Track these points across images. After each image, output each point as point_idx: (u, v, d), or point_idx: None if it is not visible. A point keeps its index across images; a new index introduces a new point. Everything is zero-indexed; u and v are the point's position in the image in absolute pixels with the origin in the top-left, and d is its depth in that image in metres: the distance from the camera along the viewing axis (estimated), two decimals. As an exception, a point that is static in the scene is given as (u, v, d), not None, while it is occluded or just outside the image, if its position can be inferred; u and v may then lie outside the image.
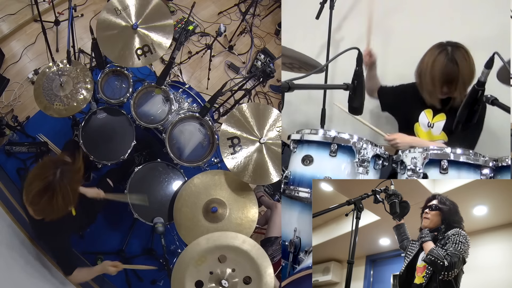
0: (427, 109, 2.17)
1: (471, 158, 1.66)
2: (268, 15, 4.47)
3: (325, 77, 2.72)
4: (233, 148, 2.16)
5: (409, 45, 2.15)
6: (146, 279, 2.87)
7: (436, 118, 2.14)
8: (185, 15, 3.96)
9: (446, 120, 2.09)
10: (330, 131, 1.88)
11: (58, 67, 2.30)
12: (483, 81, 1.38)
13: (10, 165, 2.81)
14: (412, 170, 1.69)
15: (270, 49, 4.16)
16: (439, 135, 2.13)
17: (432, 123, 2.14)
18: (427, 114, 2.17)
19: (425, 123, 2.17)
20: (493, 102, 1.38)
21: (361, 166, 1.76)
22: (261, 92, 3.95)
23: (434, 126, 2.14)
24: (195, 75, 3.83)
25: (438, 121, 2.13)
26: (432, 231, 1.31)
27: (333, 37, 2.72)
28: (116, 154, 2.44)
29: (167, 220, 2.32)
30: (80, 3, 3.57)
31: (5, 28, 3.23)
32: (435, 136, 2.15)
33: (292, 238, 1.92)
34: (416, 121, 2.20)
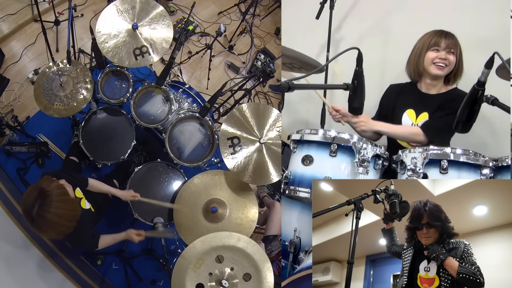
0: (409, 110, 2.14)
1: (471, 158, 1.66)
2: (268, 15, 4.47)
3: (325, 77, 2.72)
4: (233, 148, 2.16)
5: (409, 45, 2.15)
6: (146, 279, 2.87)
7: (419, 118, 2.10)
8: (185, 15, 3.96)
9: (428, 119, 2.07)
10: (330, 131, 1.88)
11: (58, 67, 2.30)
12: (483, 81, 1.37)
13: (10, 165, 2.82)
14: (412, 170, 1.69)
15: (270, 49, 4.16)
16: None
17: (416, 124, 2.11)
18: (409, 115, 2.14)
19: (408, 124, 2.14)
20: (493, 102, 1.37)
21: (361, 166, 1.76)
22: (261, 92, 3.95)
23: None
24: (195, 75, 3.83)
25: (422, 120, 2.09)
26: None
27: (333, 37, 2.72)
28: (116, 154, 2.44)
29: (167, 220, 2.33)
30: (80, 3, 3.57)
31: (5, 28, 3.23)
32: None
33: (292, 238, 1.92)
34: (399, 123, 2.17)
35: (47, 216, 1.54)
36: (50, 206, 1.56)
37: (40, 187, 1.59)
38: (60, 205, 1.59)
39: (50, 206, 1.55)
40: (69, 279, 2.38)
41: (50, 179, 1.67)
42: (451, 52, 2.00)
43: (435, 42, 2.01)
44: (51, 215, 1.56)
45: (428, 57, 2.03)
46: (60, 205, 1.59)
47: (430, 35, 2.05)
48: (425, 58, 2.05)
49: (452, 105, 1.96)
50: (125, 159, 2.44)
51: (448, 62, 2.00)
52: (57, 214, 1.58)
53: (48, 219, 1.55)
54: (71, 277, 2.41)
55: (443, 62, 2.00)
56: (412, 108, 2.14)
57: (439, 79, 2.08)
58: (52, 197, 1.58)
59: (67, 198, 1.67)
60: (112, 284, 2.82)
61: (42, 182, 1.62)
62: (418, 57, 2.08)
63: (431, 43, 2.02)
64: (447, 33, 2.03)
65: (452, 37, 2.02)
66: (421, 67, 2.06)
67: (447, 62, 2.00)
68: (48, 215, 1.55)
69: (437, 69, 2.02)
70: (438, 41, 2.01)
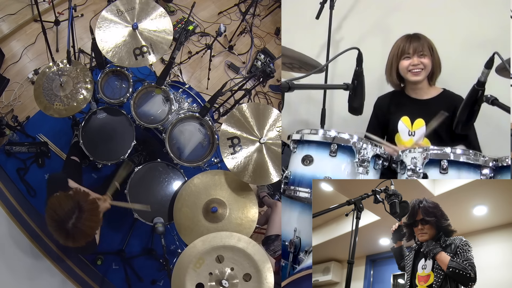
0: (404, 117, 2.14)
1: (471, 158, 1.65)
2: (268, 15, 4.47)
3: (325, 77, 2.72)
4: (233, 148, 2.16)
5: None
6: (146, 279, 2.87)
7: (415, 125, 2.10)
8: (185, 15, 3.96)
9: (426, 126, 2.05)
10: (330, 131, 1.88)
11: (58, 67, 2.30)
12: (483, 81, 1.37)
13: (10, 165, 2.82)
14: (412, 170, 1.69)
15: (270, 49, 4.16)
16: (422, 142, 2.08)
17: (413, 131, 2.10)
18: (404, 122, 2.13)
19: (405, 131, 2.12)
20: (493, 102, 1.38)
21: (361, 166, 1.76)
22: (261, 92, 3.95)
23: (416, 134, 2.10)
24: (195, 75, 3.83)
25: (419, 127, 2.09)
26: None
27: (333, 37, 2.72)
28: (116, 154, 2.44)
29: (167, 220, 2.32)
30: (80, 3, 3.57)
31: (5, 28, 3.23)
32: (418, 144, 2.07)
33: (292, 238, 1.92)
34: (396, 132, 2.15)
35: (81, 227, 1.66)
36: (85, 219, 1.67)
37: (77, 201, 1.70)
38: (93, 218, 1.73)
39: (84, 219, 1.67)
40: (69, 279, 2.38)
41: (86, 194, 1.78)
42: (422, 54, 2.00)
43: (403, 50, 2.03)
44: (85, 227, 1.68)
45: (402, 66, 2.05)
46: (93, 218, 1.73)
47: (397, 44, 2.08)
48: (400, 68, 2.07)
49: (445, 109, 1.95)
50: (125, 159, 2.44)
51: (423, 66, 2.01)
52: (90, 227, 1.71)
53: (81, 230, 1.66)
54: (71, 277, 2.41)
55: (417, 67, 2.01)
56: (406, 115, 2.14)
57: (421, 82, 2.08)
58: (88, 212, 1.70)
59: (98, 212, 1.80)
60: (112, 284, 2.82)
61: (79, 196, 1.74)
62: (391, 68, 2.11)
63: (400, 52, 2.05)
64: (413, 37, 2.04)
65: (418, 39, 2.02)
66: (398, 77, 2.10)
67: (421, 66, 2.01)
68: (82, 227, 1.66)
69: (414, 76, 2.03)
70: (405, 48, 2.02)
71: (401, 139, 2.16)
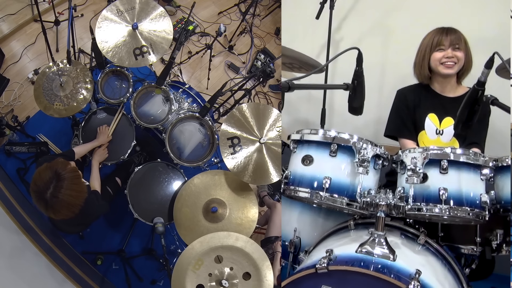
0: (431, 114, 2.03)
1: (471, 158, 1.65)
2: (268, 15, 4.47)
3: (325, 77, 2.73)
4: (233, 148, 2.16)
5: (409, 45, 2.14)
6: (146, 279, 2.87)
7: (444, 123, 2.01)
8: (185, 15, 3.96)
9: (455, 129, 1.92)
10: (330, 131, 1.87)
11: (58, 67, 2.31)
12: (483, 81, 1.37)
13: (10, 165, 2.82)
14: (412, 170, 1.69)
15: (270, 49, 4.16)
16: (449, 141, 1.99)
17: (441, 130, 2.01)
18: (432, 120, 2.03)
19: (433, 130, 2.02)
20: (493, 102, 1.38)
21: (361, 166, 1.76)
22: (261, 92, 3.95)
23: (444, 133, 2.00)
24: (195, 75, 3.83)
25: (448, 126, 1.99)
26: None
27: (333, 37, 2.72)
28: (116, 154, 2.44)
29: (167, 220, 2.32)
30: (80, 3, 3.57)
31: (5, 28, 3.24)
32: (445, 143, 2.00)
33: (292, 238, 1.91)
34: (422, 129, 2.05)
35: (60, 197, 1.60)
36: (65, 188, 1.62)
37: (55, 169, 1.64)
38: (74, 187, 1.66)
39: (65, 188, 1.62)
40: (69, 279, 2.38)
41: (65, 163, 1.72)
42: (457, 48, 1.92)
43: (438, 41, 1.93)
44: (66, 196, 1.62)
45: (435, 58, 1.95)
46: (74, 187, 1.66)
47: (432, 35, 1.98)
48: (432, 60, 1.97)
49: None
50: (125, 159, 2.44)
51: (456, 59, 1.92)
52: (71, 195, 1.64)
53: (61, 199, 1.61)
54: (71, 277, 2.41)
55: (451, 60, 1.92)
56: (433, 112, 2.03)
57: (451, 77, 2.00)
58: (67, 180, 1.64)
59: (79, 181, 1.73)
60: (112, 284, 2.82)
61: (57, 165, 1.66)
62: (423, 60, 2.00)
63: (434, 44, 1.94)
64: (449, 29, 1.95)
65: (454, 32, 1.94)
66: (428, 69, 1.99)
67: (455, 59, 1.92)
68: (62, 196, 1.61)
69: (447, 69, 1.93)
70: (441, 40, 1.93)
71: (427, 137, 2.05)
